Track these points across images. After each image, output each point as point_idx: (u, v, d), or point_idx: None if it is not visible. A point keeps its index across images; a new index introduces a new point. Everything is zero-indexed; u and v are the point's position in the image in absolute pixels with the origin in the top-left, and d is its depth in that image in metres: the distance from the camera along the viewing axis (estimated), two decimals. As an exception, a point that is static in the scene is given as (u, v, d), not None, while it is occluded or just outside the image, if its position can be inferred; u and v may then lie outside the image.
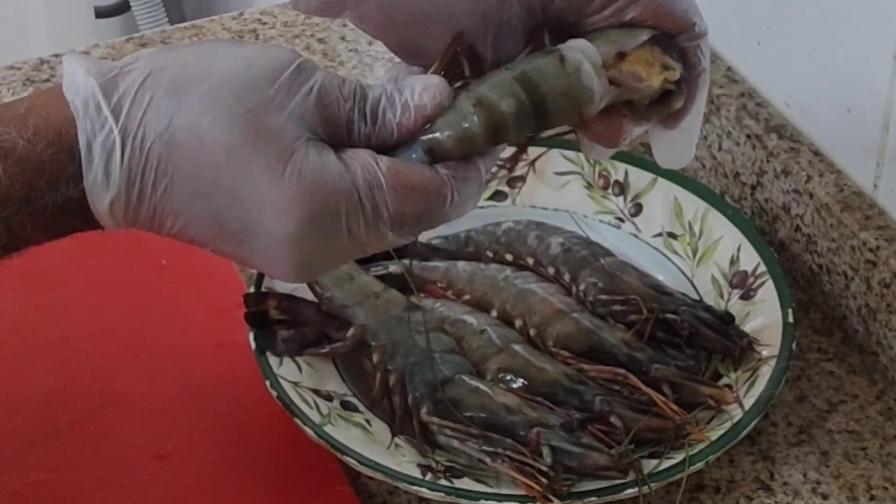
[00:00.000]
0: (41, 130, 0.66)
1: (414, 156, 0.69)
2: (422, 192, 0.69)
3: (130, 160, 0.66)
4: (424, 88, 0.70)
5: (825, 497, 0.86)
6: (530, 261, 0.97)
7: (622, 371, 0.88)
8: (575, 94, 0.72)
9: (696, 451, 0.83)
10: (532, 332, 0.91)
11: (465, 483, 0.82)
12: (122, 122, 0.66)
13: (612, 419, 0.84)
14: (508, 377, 0.87)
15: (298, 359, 0.89)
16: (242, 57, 0.67)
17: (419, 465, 0.83)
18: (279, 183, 0.66)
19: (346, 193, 0.67)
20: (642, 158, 1.04)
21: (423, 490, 0.82)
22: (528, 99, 0.71)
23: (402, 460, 0.83)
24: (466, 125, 0.70)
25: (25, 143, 0.65)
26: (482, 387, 0.86)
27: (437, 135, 0.69)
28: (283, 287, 0.92)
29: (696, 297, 0.95)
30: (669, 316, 0.91)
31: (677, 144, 0.78)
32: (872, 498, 0.86)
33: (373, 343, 0.89)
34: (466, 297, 0.95)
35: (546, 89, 0.72)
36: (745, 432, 0.84)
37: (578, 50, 0.73)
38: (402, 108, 0.69)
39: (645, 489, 0.81)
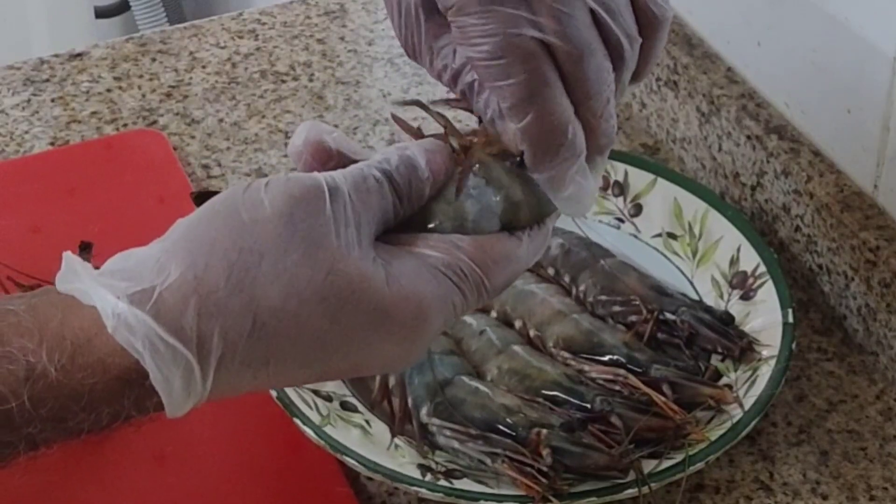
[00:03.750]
0: (77, 357, 0.60)
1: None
2: (507, 258, 0.67)
3: (218, 371, 0.61)
4: (433, 157, 0.67)
5: (825, 497, 0.86)
6: (530, 261, 0.97)
7: (622, 371, 0.88)
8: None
9: (695, 451, 0.83)
10: (532, 332, 0.91)
11: (465, 484, 0.82)
12: (197, 345, 0.60)
13: (612, 419, 0.84)
14: (508, 378, 0.87)
15: (298, 359, 0.89)
16: (276, 215, 0.62)
17: (419, 466, 0.83)
18: (386, 326, 0.63)
19: (445, 290, 0.65)
20: (642, 159, 1.04)
21: (423, 491, 0.82)
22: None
23: (402, 461, 0.83)
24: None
25: (58, 373, 0.59)
26: (482, 388, 0.86)
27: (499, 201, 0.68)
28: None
29: (696, 298, 0.95)
30: (669, 316, 0.91)
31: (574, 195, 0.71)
32: (872, 498, 0.86)
33: (373, 343, 0.89)
34: (466, 297, 0.95)
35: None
36: (744, 432, 0.84)
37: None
38: (428, 183, 0.67)
39: (645, 489, 0.81)
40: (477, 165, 0.68)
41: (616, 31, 0.66)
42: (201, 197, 0.65)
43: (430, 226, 0.67)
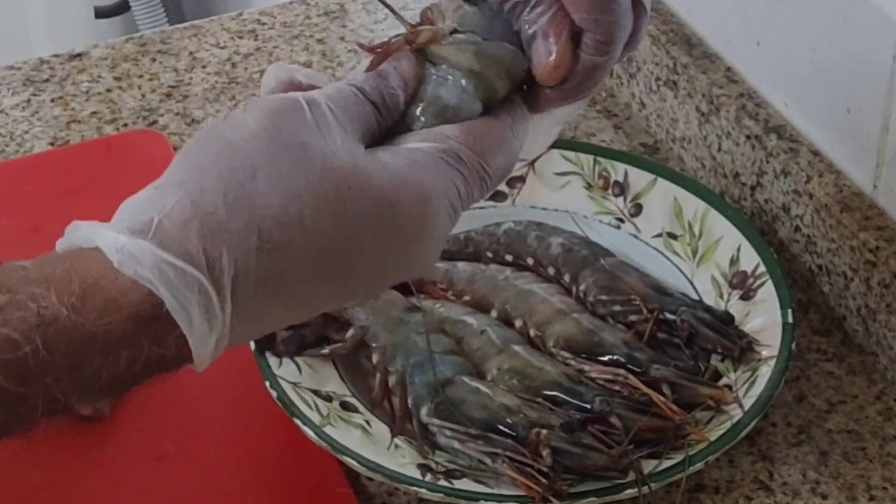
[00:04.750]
0: (88, 299, 0.59)
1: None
2: (498, 139, 0.68)
3: (235, 295, 0.60)
4: (398, 63, 0.69)
5: (824, 497, 0.86)
6: (530, 261, 0.97)
7: (622, 371, 0.88)
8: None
9: (695, 451, 0.83)
10: (532, 332, 0.91)
11: (465, 484, 0.82)
12: (206, 267, 0.59)
13: (612, 419, 0.84)
14: (508, 377, 0.87)
15: (298, 359, 0.89)
16: (262, 129, 0.63)
17: (419, 466, 0.83)
18: (391, 218, 0.63)
19: (445, 173, 0.66)
20: (642, 159, 1.04)
21: (423, 491, 0.82)
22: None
23: (402, 461, 0.83)
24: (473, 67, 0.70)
25: (70, 313, 0.58)
26: (482, 388, 0.86)
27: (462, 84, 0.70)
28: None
29: (696, 298, 0.95)
30: (669, 316, 0.91)
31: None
32: (872, 498, 0.86)
33: (373, 344, 0.89)
34: (466, 297, 0.95)
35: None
36: (744, 432, 0.84)
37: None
38: (398, 83, 0.68)
39: (644, 489, 0.81)
40: (438, 56, 0.71)
41: None
42: None
43: (415, 127, 0.68)
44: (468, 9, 0.72)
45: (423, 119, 0.69)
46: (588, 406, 0.85)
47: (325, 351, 0.90)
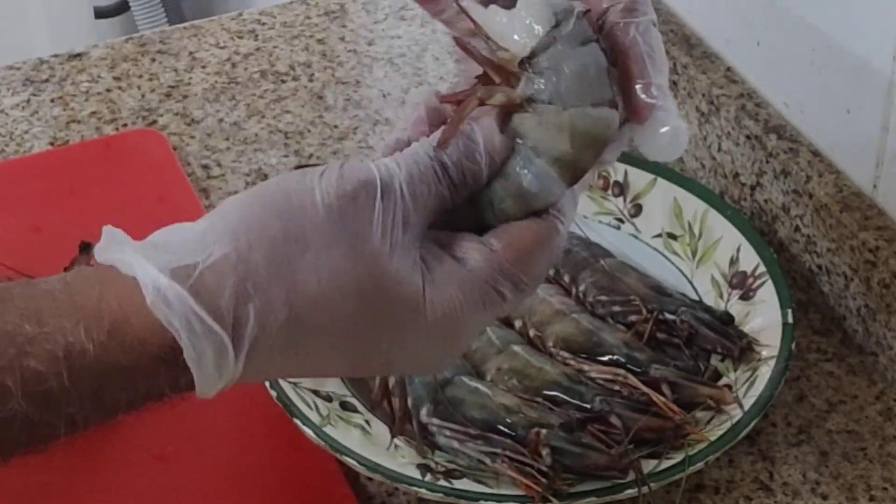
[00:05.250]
0: (116, 334, 0.60)
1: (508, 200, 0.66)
2: (543, 246, 0.66)
3: (250, 356, 0.61)
4: (483, 132, 0.66)
5: (824, 497, 0.86)
6: (530, 261, 0.97)
7: (622, 371, 0.88)
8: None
9: (695, 451, 0.83)
10: (532, 332, 0.91)
11: (465, 484, 0.82)
12: (231, 326, 0.60)
13: (612, 419, 0.84)
14: (508, 378, 0.87)
15: (298, 359, 0.89)
16: (325, 205, 0.62)
17: (418, 466, 0.83)
18: (423, 329, 0.64)
19: (483, 297, 0.65)
20: (642, 159, 1.04)
21: (423, 491, 0.82)
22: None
23: (402, 461, 0.83)
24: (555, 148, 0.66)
25: (96, 349, 0.59)
26: (482, 388, 0.86)
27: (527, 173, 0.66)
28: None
29: (696, 298, 0.95)
30: (669, 316, 0.91)
31: (661, 132, 0.68)
32: (872, 498, 0.86)
33: (372, 344, 0.89)
34: (466, 297, 0.95)
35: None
36: (744, 432, 0.84)
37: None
38: (484, 160, 0.65)
39: (644, 489, 0.81)
40: (520, 129, 0.66)
41: None
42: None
43: (488, 213, 0.66)
44: (546, 38, 0.66)
45: (502, 208, 0.66)
46: (588, 406, 0.85)
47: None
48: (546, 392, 0.86)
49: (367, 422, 0.86)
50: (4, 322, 0.59)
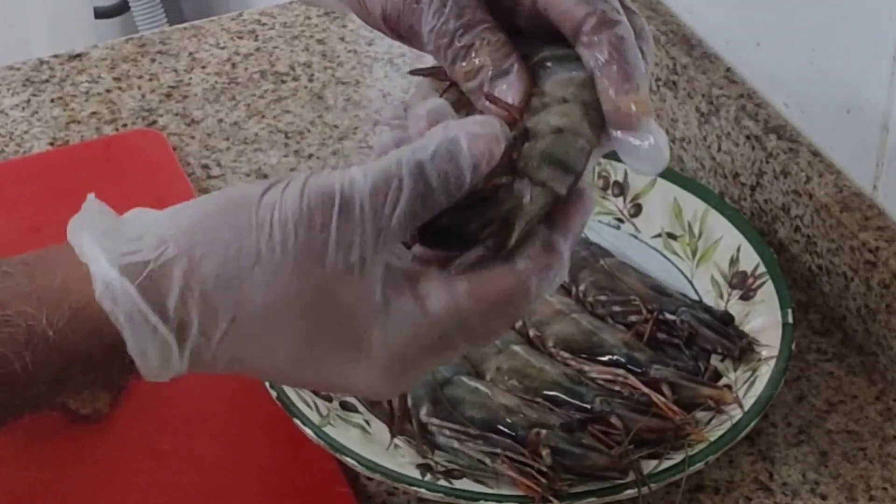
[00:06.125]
0: (75, 321, 0.61)
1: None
2: (509, 304, 0.63)
3: (193, 357, 0.62)
4: (474, 139, 0.62)
5: (824, 497, 0.86)
6: (530, 261, 0.97)
7: (622, 371, 0.88)
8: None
9: (695, 451, 0.83)
10: (532, 332, 0.91)
11: (465, 484, 0.82)
12: (176, 328, 0.61)
13: (612, 419, 0.84)
14: (508, 377, 0.87)
15: (298, 359, 0.88)
16: (281, 222, 0.61)
17: (418, 466, 0.83)
18: (363, 367, 0.63)
19: (434, 344, 0.63)
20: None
21: (423, 490, 0.81)
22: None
23: (402, 461, 0.83)
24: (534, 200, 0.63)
25: (56, 336, 0.60)
26: (481, 387, 0.86)
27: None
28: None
29: (696, 298, 0.95)
30: (669, 316, 0.91)
31: (644, 146, 0.66)
32: (871, 498, 0.86)
33: (372, 343, 0.89)
34: (466, 297, 0.95)
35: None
36: (744, 433, 0.84)
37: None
38: (467, 168, 0.62)
39: (644, 490, 0.81)
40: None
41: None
42: None
43: (483, 226, 0.63)
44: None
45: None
46: (588, 406, 0.85)
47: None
48: (546, 392, 0.86)
49: (366, 421, 0.86)
50: None
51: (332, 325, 0.62)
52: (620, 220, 1.01)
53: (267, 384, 0.85)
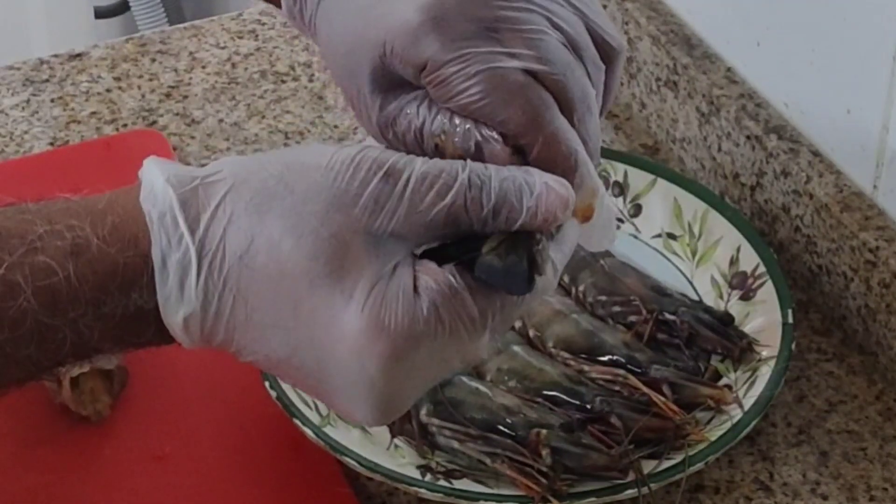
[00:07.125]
0: (118, 231, 0.62)
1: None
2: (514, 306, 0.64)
3: (207, 280, 0.62)
4: (548, 190, 0.63)
5: (824, 497, 0.86)
6: (530, 261, 0.97)
7: (622, 372, 0.88)
8: None
9: (695, 451, 0.83)
10: (531, 332, 0.91)
11: (465, 484, 0.82)
12: (200, 240, 0.62)
13: (612, 420, 0.84)
14: (508, 378, 0.87)
15: (298, 359, 0.88)
16: (328, 168, 0.62)
17: (418, 466, 0.83)
18: (357, 318, 0.61)
19: (426, 328, 0.62)
20: (642, 159, 1.04)
21: (423, 491, 0.82)
22: None
23: (402, 461, 0.83)
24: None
25: (100, 243, 0.62)
26: (482, 388, 0.86)
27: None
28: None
29: (696, 298, 0.95)
30: (669, 317, 0.91)
31: (596, 228, 0.70)
32: (872, 498, 0.86)
33: (372, 344, 0.89)
34: (466, 297, 0.95)
35: None
36: (744, 433, 0.84)
37: None
38: (530, 209, 0.63)
39: (644, 490, 0.81)
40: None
41: (585, 59, 0.67)
42: None
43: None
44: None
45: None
46: (588, 406, 0.85)
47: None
48: (546, 392, 0.86)
49: (366, 422, 0.86)
50: (18, 222, 0.63)
51: (340, 270, 0.61)
52: (620, 221, 1.01)
53: (267, 384, 0.85)
